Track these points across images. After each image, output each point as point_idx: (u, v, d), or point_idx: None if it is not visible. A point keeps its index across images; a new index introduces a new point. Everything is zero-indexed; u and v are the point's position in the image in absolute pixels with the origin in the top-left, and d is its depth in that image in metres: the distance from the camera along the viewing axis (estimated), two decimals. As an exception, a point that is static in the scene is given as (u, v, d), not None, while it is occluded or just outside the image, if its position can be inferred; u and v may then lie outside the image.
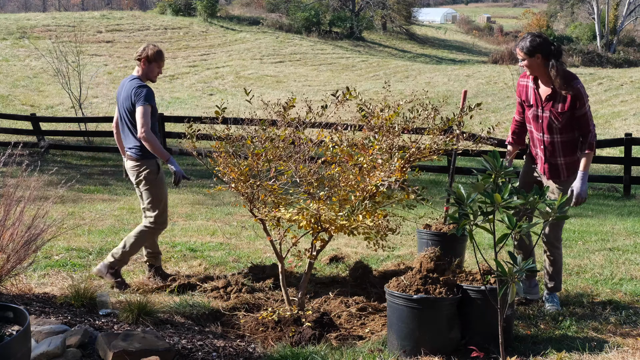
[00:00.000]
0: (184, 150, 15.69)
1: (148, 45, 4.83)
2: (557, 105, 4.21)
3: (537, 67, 4.23)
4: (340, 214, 3.87)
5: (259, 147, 4.00)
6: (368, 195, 3.89)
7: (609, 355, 3.55)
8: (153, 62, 4.78)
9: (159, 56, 4.80)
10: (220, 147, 4.09)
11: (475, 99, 23.53)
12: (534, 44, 4.17)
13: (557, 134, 4.29)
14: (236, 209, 8.20)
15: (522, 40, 4.26)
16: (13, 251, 3.67)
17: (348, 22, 42.40)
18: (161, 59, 4.81)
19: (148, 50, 4.76)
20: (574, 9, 49.77)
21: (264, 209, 4.06)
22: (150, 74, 4.83)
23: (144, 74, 4.82)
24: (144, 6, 58.64)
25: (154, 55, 4.77)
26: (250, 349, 3.60)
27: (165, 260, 5.47)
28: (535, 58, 4.19)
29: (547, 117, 4.28)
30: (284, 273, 4.22)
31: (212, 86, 25.97)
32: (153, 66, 4.81)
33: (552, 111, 4.24)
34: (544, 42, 4.19)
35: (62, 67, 15.15)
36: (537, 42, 4.17)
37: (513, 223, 2.73)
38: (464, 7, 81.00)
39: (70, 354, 3.12)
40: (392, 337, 3.74)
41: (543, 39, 4.21)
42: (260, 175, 4.04)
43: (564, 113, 4.19)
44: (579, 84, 4.15)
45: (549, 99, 4.25)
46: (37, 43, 27.80)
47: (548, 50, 4.17)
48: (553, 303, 4.45)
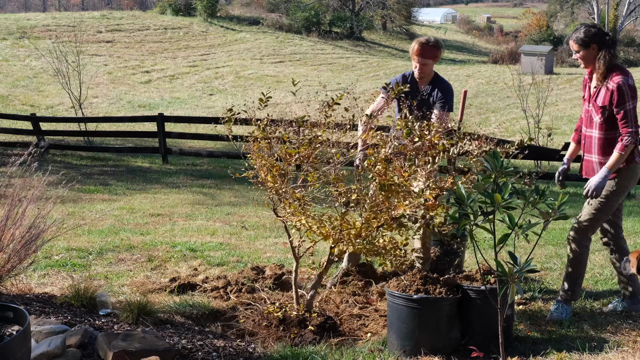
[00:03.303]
0: (184, 150, 15.55)
1: None
2: (598, 99, 4.07)
3: (592, 58, 4.05)
4: (360, 237, 3.74)
5: (291, 147, 3.83)
6: (390, 220, 3.75)
7: (609, 355, 3.55)
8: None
9: None
10: (259, 134, 3.91)
11: (475, 99, 23.55)
12: (589, 35, 4.01)
13: (596, 129, 4.12)
14: (236, 209, 8.21)
15: (576, 31, 4.10)
16: (13, 251, 3.67)
17: (348, 22, 42.40)
18: None
19: None
20: (574, 9, 49.77)
21: (288, 209, 3.93)
22: None
23: None
24: (144, 6, 58.62)
25: None
26: (250, 349, 3.60)
27: (165, 260, 5.48)
28: (590, 49, 4.03)
29: (590, 111, 4.14)
30: (297, 272, 4.21)
31: (212, 86, 25.98)
32: None
33: (594, 105, 4.10)
34: (599, 32, 4.04)
35: (62, 67, 15.14)
36: (593, 33, 4.02)
37: (513, 223, 2.73)
38: (464, 7, 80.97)
39: (70, 354, 3.12)
40: (392, 337, 3.75)
41: (598, 29, 4.06)
42: (288, 177, 3.91)
43: (603, 107, 4.03)
44: (622, 80, 3.95)
45: (595, 92, 4.11)
46: (37, 43, 27.80)
47: (603, 40, 4.02)
48: (556, 311, 4.29)
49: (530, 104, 14.43)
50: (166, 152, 13.29)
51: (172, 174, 12.06)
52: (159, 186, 10.62)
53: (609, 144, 4.09)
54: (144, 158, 13.88)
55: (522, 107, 14.59)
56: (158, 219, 7.49)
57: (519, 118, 17.91)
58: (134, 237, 6.37)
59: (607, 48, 4.00)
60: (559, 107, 22.21)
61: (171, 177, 11.73)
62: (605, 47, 4.01)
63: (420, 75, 4.77)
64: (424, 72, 4.75)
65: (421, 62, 4.71)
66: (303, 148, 3.82)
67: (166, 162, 13.27)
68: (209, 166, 13.40)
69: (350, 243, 3.77)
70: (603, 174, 4.05)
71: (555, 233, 6.89)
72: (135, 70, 27.74)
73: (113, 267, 5.23)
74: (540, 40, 38.63)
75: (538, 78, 16.14)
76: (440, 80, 4.85)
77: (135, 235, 6.47)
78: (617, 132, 4.05)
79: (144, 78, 26.60)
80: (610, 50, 4.00)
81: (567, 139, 16.81)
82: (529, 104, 14.33)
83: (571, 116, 21.09)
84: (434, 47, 4.72)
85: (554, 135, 15.43)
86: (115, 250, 5.74)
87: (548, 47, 31.89)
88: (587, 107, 4.19)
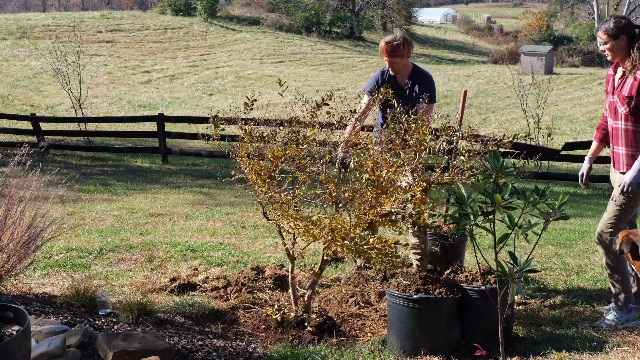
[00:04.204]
0: (184, 150, 15.51)
1: None
2: (623, 89, 4.05)
3: (620, 50, 4.05)
4: (348, 237, 3.73)
5: (278, 150, 3.81)
6: (379, 217, 3.74)
7: (609, 355, 3.55)
8: None
9: None
10: (246, 137, 3.90)
11: (475, 99, 23.55)
12: (619, 25, 4.01)
13: (622, 121, 4.09)
14: (236, 209, 8.21)
15: (605, 22, 4.10)
16: (13, 251, 3.67)
17: (348, 22, 42.40)
18: None
19: None
20: (574, 9, 49.79)
21: (277, 212, 3.93)
22: None
23: None
24: (144, 6, 58.62)
25: None
26: (250, 349, 3.60)
27: (165, 260, 5.48)
28: (619, 40, 4.02)
29: (615, 102, 4.12)
30: (293, 272, 4.21)
31: (212, 86, 25.97)
32: None
33: (619, 95, 4.08)
34: (629, 23, 4.05)
35: (62, 67, 15.14)
36: (623, 24, 4.02)
37: (513, 223, 2.73)
38: (464, 7, 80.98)
39: (70, 354, 3.12)
40: (392, 337, 3.75)
41: (628, 21, 4.06)
42: (275, 180, 3.90)
43: (629, 98, 4.00)
44: None
45: (620, 83, 4.10)
46: (37, 43, 27.80)
47: (633, 32, 4.02)
48: (611, 318, 4.16)
49: (530, 104, 14.44)
50: (166, 152, 13.29)
51: (172, 174, 12.06)
52: (159, 186, 10.62)
53: (635, 136, 4.06)
54: (144, 158, 13.88)
55: (522, 107, 14.60)
56: (158, 219, 7.48)
57: (519, 118, 17.91)
58: (134, 237, 6.37)
59: (637, 39, 4.00)
60: (559, 107, 22.22)
61: (171, 177, 11.73)
62: (635, 38, 4.01)
63: (394, 72, 4.81)
64: (396, 69, 4.79)
65: (389, 61, 4.76)
66: (290, 149, 3.80)
67: (166, 162, 13.27)
68: (209, 166, 13.40)
69: (339, 244, 3.76)
70: (637, 168, 3.98)
71: (555, 233, 6.90)
72: (135, 70, 27.74)
73: (113, 267, 5.22)
74: (540, 40, 38.62)
75: (538, 78, 16.15)
76: (419, 73, 4.87)
77: (135, 235, 6.47)
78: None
79: (144, 78, 26.60)
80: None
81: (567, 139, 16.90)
82: (529, 104, 14.34)
83: (571, 116, 21.10)
84: (398, 46, 4.73)
85: (554, 135, 15.44)
86: (115, 250, 5.74)
87: (548, 47, 31.90)
88: (611, 99, 4.17)
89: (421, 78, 4.82)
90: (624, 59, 4.07)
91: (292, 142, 3.81)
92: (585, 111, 21.82)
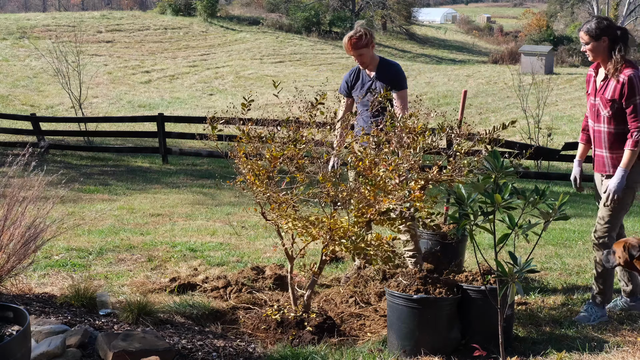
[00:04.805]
0: (184, 150, 15.50)
1: None
2: (606, 92, 4.03)
3: (601, 51, 4.02)
4: (346, 236, 3.73)
5: (276, 150, 3.81)
6: (378, 215, 3.75)
7: (609, 355, 3.55)
8: None
9: None
10: (243, 137, 3.92)
11: (475, 99, 23.55)
12: (601, 26, 3.99)
13: (604, 124, 4.08)
14: (236, 209, 8.21)
15: (587, 23, 4.08)
16: (13, 251, 3.67)
17: (348, 22, 42.37)
18: None
19: None
20: (574, 9, 49.77)
21: (275, 212, 3.94)
22: None
23: None
24: (144, 6, 58.62)
25: None
26: (250, 349, 3.60)
27: (165, 260, 5.48)
28: (601, 41, 4.00)
29: (598, 105, 4.10)
30: (292, 272, 4.21)
31: (212, 86, 25.98)
32: None
33: (601, 98, 4.07)
34: (611, 24, 4.03)
35: (62, 67, 15.14)
36: (605, 25, 4.00)
37: (513, 223, 2.73)
38: (464, 7, 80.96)
39: (70, 354, 3.12)
40: (392, 337, 3.74)
41: (610, 22, 4.05)
42: (274, 180, 3.90)
43: (612, 101, 3.99)
44: (633, 73, 3.92)
45: (602, 86, 4.07)
46: (37, 43, 27.80)
47: (615, 34, 4.00)
48: (586, 312, 4.25)
49: (530, 104, 14.44)
50: (166, 152, 13.29)
51: (172, 174, 12.06)
52: (159, 186, 10.62)
53: (617, 139, 4.05)
54: (144, 158, 13.87)
55: (522, 107, 14.59)
56: (158, 219, 7.49)
57: (519, 118, 17.87)
58: (134, 237, 6.37)
59: (621, 41, 3.98)
60: (559, 107, 22.22)
61: (171, 177, 11.73)
62: (619, 40, 3.99)
63: (361, 65, 4.95)
64: (364, 61, 4.91)
65: (356, 54, 4.88)
66: (289, 149, 3.82)
67: (166, 162, 13.27)
68: (209, 166, 13.40)
69: (337, 243, 3.77)
70: (620, 175, 4.01)
71: (555, 233, 6.90)
72: (135, 70, 27.74)
73: (113, 267, 5.23)
74: (540, 40, 38.60)
75: (538, 78, 16.15)
76: (386, 64, 4.99)
77: (135, 235, 6.48)
78: (626, 126, 4.01)
79: (144, 78, 26.60)
80: (626, 45, 3.98)
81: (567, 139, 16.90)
82: (529, 104, 14.33)
83: (571, 116, 21.10)
84: (361, 37, 4.84)
85: (554, 135, 15.44)
86: (115, 250, 5.74)
87: (548, 47, 31.89)
88: (593, 102, 4.16)
89: (388, 68, 4.95)
90: (606, 61, 4.05)
91: (290, 142, 3.82)
92: (585, 111, 21.81)
